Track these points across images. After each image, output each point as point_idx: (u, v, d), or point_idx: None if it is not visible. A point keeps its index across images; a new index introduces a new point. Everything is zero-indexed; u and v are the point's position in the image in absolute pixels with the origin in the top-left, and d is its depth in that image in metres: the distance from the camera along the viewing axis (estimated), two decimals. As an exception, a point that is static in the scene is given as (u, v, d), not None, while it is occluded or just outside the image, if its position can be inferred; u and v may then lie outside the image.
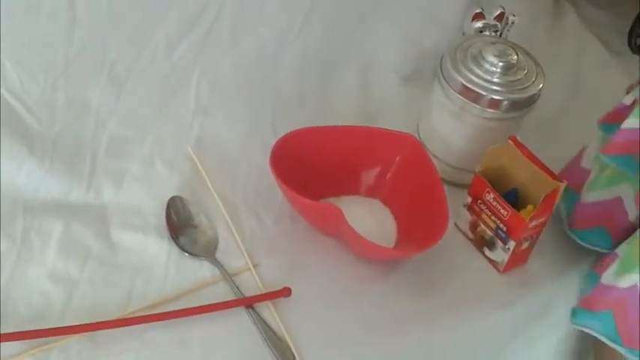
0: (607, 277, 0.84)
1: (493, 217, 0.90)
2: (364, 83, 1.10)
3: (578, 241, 0.94)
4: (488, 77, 0.94)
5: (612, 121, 0.88)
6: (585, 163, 0.94)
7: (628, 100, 0.87)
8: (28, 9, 0.82)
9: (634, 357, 0.83)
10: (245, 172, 0.96)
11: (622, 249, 0.87)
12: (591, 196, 0.92)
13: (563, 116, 1.12)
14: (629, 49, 1.27)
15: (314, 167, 0.93)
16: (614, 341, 0.84)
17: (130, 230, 0.87)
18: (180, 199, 0.91)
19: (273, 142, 0.90)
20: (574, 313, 0.89)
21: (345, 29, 1.09)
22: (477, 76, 0.94)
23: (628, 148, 0.84)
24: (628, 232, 0.88)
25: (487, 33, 1.08)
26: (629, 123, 0.83)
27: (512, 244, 0.89)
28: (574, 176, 0.94)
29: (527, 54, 0.98)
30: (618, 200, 0.88)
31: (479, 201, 0.91)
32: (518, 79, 0.94)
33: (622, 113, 0.87)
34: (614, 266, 0.84)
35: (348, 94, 1.09)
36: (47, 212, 0.86)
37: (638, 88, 0.87)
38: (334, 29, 1.07)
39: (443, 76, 0.96)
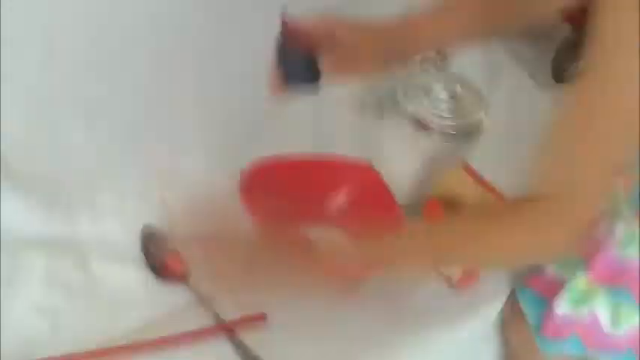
0: (561, 306, 0.91)
1: (447, 236, 0.97)
2: (318, 114, 1.16)
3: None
4: (436, 107, 1.01)
5: None
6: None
7: None
8: (8, 49, 0.85)
9: (598, 356, 0.93)
10: (212, 202, 0.99)
11: (563, 275, 0.93)
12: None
13: (504, 143, 1.20)
14: (553, 80, 1.37)
15: (278, 195, 0.97)
16: (581, 352, 0.93)
17: (107, 261, 0.90)
18: (153, 228, 0.94)
19: (236, 171, 0.95)
20: (542, 342, 0.94)
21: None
22: (426, 106, 1.01)
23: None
24: None
25: (428, 67, 1.16)
26: None
27: (465, 260, 0.96)
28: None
29: (470, 85, 1.06)
30: None
31: (433, 223, 0.98)
32: (463, 108, 1.02)
33: None
34: (565, 296, 0.90)
35: (302, 125, 1.15)
36: (29, 247, 0.88)
37: None
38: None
39: (394, 108, 1.03)
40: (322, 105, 1.17)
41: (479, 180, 0.96)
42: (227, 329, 0.87)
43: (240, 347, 0.85)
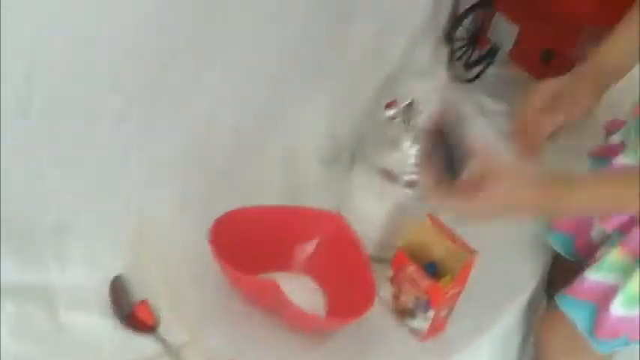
0: (616, 309, 0.96)
1: (414, 289, 0.98)
2: (287, 166, 1.18)
3: (550, 243, 1.12)
4: (405, 160, 1.03)
5: (601, 155, 1.07)
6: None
7: (616, 139, 1.04)
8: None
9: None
10: (182, 251, 1.01)
11: (609, 277, 0.98)
12: None
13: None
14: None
15: (248, 245, 0.99)
16: (627, 345, 1.00)
17: (76, 310, 0.90)
18: (123, 278, 0.95)
19: (205, 221, 0.96)
20: (597, 344, 0.99)
21: (268, 117, 1.16)
22: (395, 159, 1.03)
23: None
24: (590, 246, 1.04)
25: (398, 120, 1.18)
26: (620, 159, 1.01)
27: (432, 312, 0.97)
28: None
29: (437, 139, 1.08)
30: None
31: (401, 273, 0.99)
32: (432, 162, 1.04)
33: (611, 149, 1.04)
34: (619, 299, 0.95)
35: (272, 176, 1.16)
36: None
37: (623, 130, 1.03)
38: (258, 116, 1.14)
39: (363, 160, 1.05)
40: (292, 156, 1.20)
41: (445, 231, 0.98)
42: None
43: (207, 397, 0.86)
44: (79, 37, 0.90)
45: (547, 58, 1.37)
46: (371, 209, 1.07)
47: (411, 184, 1.02)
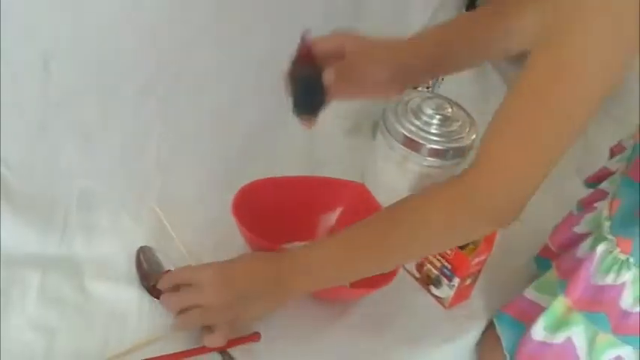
0: (537, 333, 0.90)
1: (438, 257, 0.98)
2: (310, 136, 1.18)
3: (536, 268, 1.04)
4: (427, 128, 1.03)
5: (595, 181, 1.02)
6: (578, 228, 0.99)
7: (612, 166, 1.00)
8: (5, 73, 0.87)
9: None
10: (205, 222, 1.01)
11: (541, 298, 0.93)
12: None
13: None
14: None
15: (271, 216, 0.99)
16: None
17: (102, 280, 0.91)
18: (148, 248, 0.96)
19: (229, 192, 0.96)
20: None
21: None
22: (417, 127, 1.03)
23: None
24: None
25: (420, 89, 1.18)
26: (603, 185, 0.98)
27: (456, 280, 0.97)
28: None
29: (460, 107, 1.08)
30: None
31: (425, 242, 0.99)
32: (454, 130, 1.04)
33: (605, 175, 1.00)
34: (540, 322, 0.90)
35: (295, 147, 1.17)
36: (25, 265, 0.89)
37: (621, 156, 0.99)
38: (281, 86, 1.14)
39: (386, 129, 1.05)
40: (317, 128, 1.19)
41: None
42: (221, 348, 0.87)
43: (236, 365, 0.87)
44: (99, 15, 0.92)
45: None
46: (394, 178, 1.06)
47: (433, 153, 1.02)
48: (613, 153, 1.04)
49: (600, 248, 0.86)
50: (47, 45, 0.88)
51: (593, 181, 1.03)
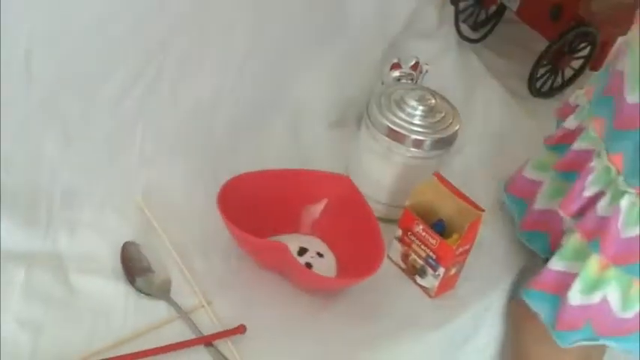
0: (574, 298, 0.93)
1: (423, 247, 0.98)
2: (294, 129, 1.18)
3: (526, 244, 1.06)
4: (411, 120, 1.03)
5: (559, 142, 1.02)
6: (528, 174, 1.07)
7: (571, 125, 1.00)
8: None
9: (609, 342, 0.96)
10: (191, 217, 1.02)
11: (569, 266, 0.95)
12: (541, 204, 1.03)
13: (478, 153, 1.23)
14: (528, 92, 1.39)
15: (257, 209, 0.99)
16: (595, 340, 0.96)
17: (87, 275, 0.91)
18: (133, 243, 0.96)
19: (214, 187, 0.96)
20: (559, 337, 0.96)
21: (274, 81, 1.16)
22: (401, 119, 1.03)
23: (573, 165, 0.96)
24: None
25: (404, 81, 1.18)
26: (577, 145, 0.96)
27: (441, 270, 0.97)
28: (520, 186, 1.09)
29: (443, 98, 1.08)
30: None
31: (409, 233, 1.00)
32: (438, 121, 1.04)
33: (568, 135, 1.00)
34: (576, 286, 0.92)
35: (279, 140, 1.17)
36: (9, 260, 0.90)
37: (578, 113, 0.99)
38: (264, 80, 1.15)
39: (370, 121, 1.05)
40: (299, 119, 1.20)
41: (452, 189, 0.98)
42: (207, 341, 0.88)
43: (222, 359, 0.87)
44: (80, 11, 0.92)
45: (556, 14, 1.35)
46: (378, 170, 1.07)
47: (417, 144, 1.02)
48: (563, 113, 1.04)
49: (624, 202, 0.87)
50: (28, 42, 0.88)
51: (556, 143, 1.03)
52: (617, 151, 0.89)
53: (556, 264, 0.95)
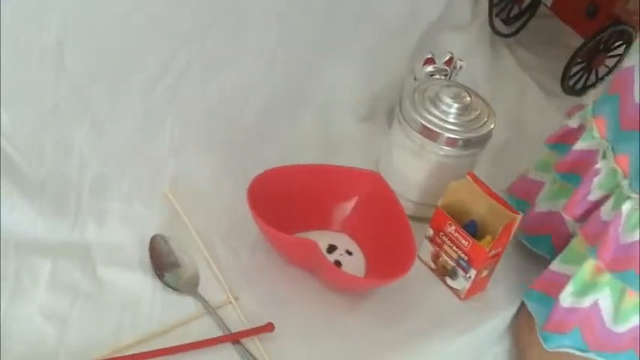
0: (565, 299, 0.90)
1: (454, 248, 0.96)
2: (324, 123, 1.16)
3: (529, 246, 1.04)
4: (445, 117, 1.01)
5: (559, 141, 0.99)
6: (532, 174, 1.05)
7: (573, 123, 0.97)
8: (19, 58, 0.86)
9: (599, 358, 0.92)
10: (218, 210, 1.00)
11: (567, 269, 0.92)
12: (542, 206, 1.00)
13: (510, 151, 1.21)
14: (561, 90, 1.37)
15: (286, 204, 0.98)
16: (582, 350, 0.92)
17: (114, 267, 0.90)
18: (162, 237, 0.95)
19: (242, 179, 0.95)
20: (545, 338, 0.94)
21: (304, 73, 1.15)
22: (435, 116, 1.01)
23: (575, 166, 0.93)
24: (567, 242, 0.95)
25: (437, 76, 1.16)
26: (579, 145, 0.93)
27: (473, 272, 0.95)
28: (523, 188, 1.06)
29: (478, 96, 1.06)
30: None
31: (440, 233, 0.98)
32: (472, 119, 1.02)
33: (569, 135, 0.97)
34: (568, 288, 0.90)
35: (308, 133, 1.15)
36: (36, 251, 0.88)
37: (581, 113, 0.96)
38: (294, 73, 1.13)
39: (403, 117, 1.03)
40: (329, 113, 1.18)
41: (486, 189, 0.96)
42: (234, 339, 0.87)
43: (247, 357, 0.85)
44: (110, 1, 0.90)
45: (592, 11, 1.33)
46: (409, 167, 1.05)
47: (451, 142, 1.00)
48: (569, 116, 1.01)
49: (625, 207, 0.85)
50: (60, 31, 0.87)
51: (556, 142, 1.00)
52: (623, 152, 0.87)
53: (555, 266, 0.94)
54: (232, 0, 1.02)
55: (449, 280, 1.00)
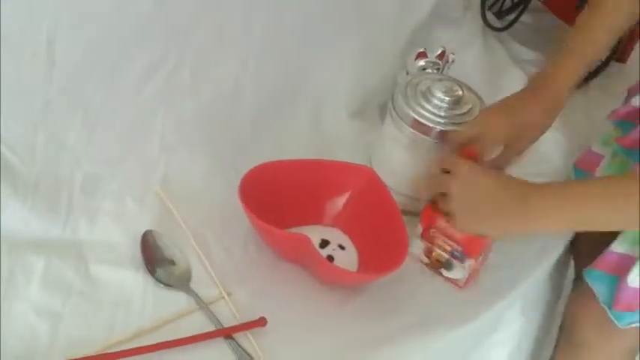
0: (633, 280, 0.94)
1: (448, 241, 0.96)
2: (316, 119, 1.16)
3: None
4: (437, 111, 1.01)
5: (623, 118, 1.04)
6: (595, 147, 1.11)
7: (637, 102, 1.01)
8: (10, 56, 0.86)
9: None
10: (210, 207, 1.01)
11: (631, 250, 0.95)
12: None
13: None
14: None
15: (278, 200, 0.98)
16: None
17: (107, 265, 0.90)
18: (153, 233, 0.95)
19: (234, 176, 0.95)
20: (617, 317, 0.98)
21: (296, 68, 1.14)
22: (427, 110, 1.01)
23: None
24: None
25: (430, 70, 1.16)
26: None
27: (469, 261, 0.95)
28: (586, 160, 1.12)
29: (470, 90, 1.06)
30: None
31: (432, 227, 0.97)
32: (464, 113, 1.02)
33: (633, 113, 1.01)
34: (636, 269, 0.94)
35: (301, 129, 1.15)
36: (29, 249, 0.89)
37: None
38: (286, 69, 1.13)
39: (395, 111, 1.03)
40: (322, 108, 1.18)
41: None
42: (227, 334, 0.87)
43: (242, 351, 0.85)
44: (102, 0, 0.90)
45: (583, 5, 1.32)
46: (402, 161, 1.05)
47: (442, 136, 1.00)
48: (630, 93, 1.06)
49: None
50: (50, 28, 0.87)
51: (623, 119, 1.04)
52: None
53: (618, 246, 0.96)
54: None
55: (445, 272, 0.99)
